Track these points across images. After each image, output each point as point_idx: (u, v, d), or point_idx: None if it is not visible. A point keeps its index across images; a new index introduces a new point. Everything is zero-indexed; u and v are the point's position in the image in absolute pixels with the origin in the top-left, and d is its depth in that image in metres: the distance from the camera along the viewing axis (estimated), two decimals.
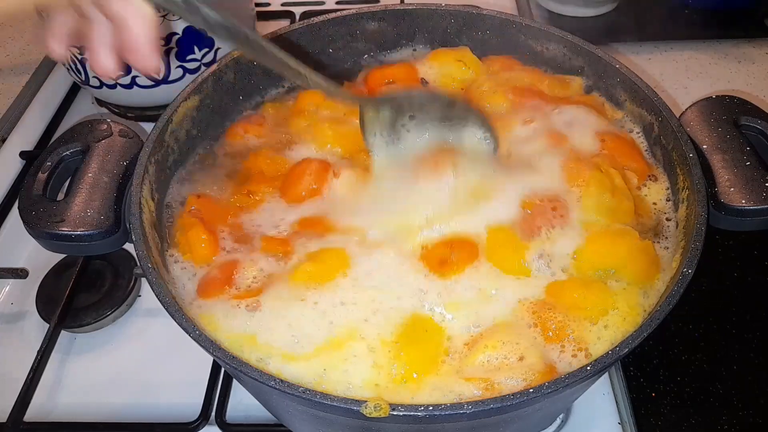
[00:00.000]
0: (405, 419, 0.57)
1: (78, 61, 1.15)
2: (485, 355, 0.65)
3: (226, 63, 0.88)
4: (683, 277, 0.63)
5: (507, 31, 0.95)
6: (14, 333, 0.98)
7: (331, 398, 0.57)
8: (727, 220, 0.70)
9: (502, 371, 0.64)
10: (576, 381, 0.58)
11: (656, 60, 1.38)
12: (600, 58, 0.88)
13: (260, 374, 0.59)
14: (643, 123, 0.85)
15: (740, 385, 0.88)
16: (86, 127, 0.78)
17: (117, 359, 0.94)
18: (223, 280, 0.72)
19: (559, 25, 0.95)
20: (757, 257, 1.02)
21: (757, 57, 1.38)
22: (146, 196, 0.73)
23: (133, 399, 0.89)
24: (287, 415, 0.75)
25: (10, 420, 0.85)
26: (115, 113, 1.30)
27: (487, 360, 0.65)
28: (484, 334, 0.67)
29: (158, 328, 0.97)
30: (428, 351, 0.66)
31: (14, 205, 1.12)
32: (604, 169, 0.77)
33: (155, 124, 0.79)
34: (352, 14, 0.96)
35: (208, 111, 0.88)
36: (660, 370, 0.90)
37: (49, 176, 0.74)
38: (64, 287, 0.97)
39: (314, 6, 1.58)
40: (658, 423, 0.85)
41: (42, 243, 0.71)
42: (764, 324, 0.94)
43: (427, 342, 0.67)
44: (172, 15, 1.09)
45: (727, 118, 0.77)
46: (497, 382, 0.63)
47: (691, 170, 0.72)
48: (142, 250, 0.67)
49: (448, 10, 0.97)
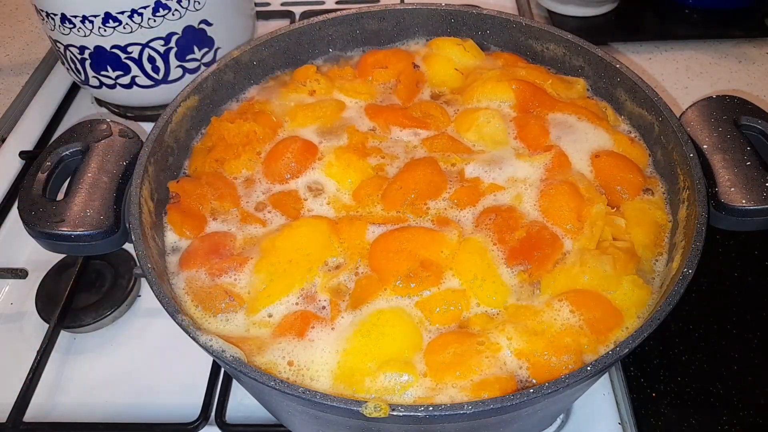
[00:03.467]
0: (405, 419, 0.57)
1: (78, 61, 1.15)
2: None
3: (226, 63, 0.88)
4: (683, 277, 0.63)
5: (507, 31, 0.95)
6: (14, 333, 0.98)
7: (331, 398, 0.57)
8: (727, 220, 0.70)
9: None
10: (576, 381, 0.58)
11: (656, 60, 1.38)
12: (600, 58, 0.88)
13: (260, 374, 0.59)
14: (644, 123, 0.85)
15: (740, 385, 0.88)
16: (86, 127, 0.78)
17: (117, 359, 0.94)
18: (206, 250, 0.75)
19: (559, 25, 0.95)
20: (757, 257, 1.02)
21: (757, 57, 1.38)
22: (146, 196, 0.73)
23: (133, 399, 0.89)
24: (287, 416, 0.75)
25: (10, 420, 0.85)
26: (114, 113, 1.30)
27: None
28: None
29: (158, 328, 0.97)
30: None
31: (14, 205, 1.12)
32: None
33: (155, 124, 0.79)
34: (352, 14, 0.96)
35: (208, 111, 0.89)
36: (660, 370, 0.90)
37: (48, 176, 0.74)
38: (63, 287, 0.97)
39: (314, 6, 1.58)
40: (658, 423, 0.85)
41: (42, 243, 0.71)
42: (764, 324, 0.94)
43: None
44: (172, 15, 1.09)
45: (728, 118, 0.77)
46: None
47: (692, 170, 0.72)
48: (142, 250, 0.67)
49: (448, 10, 0.97)
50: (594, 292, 0.70)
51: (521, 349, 0.66)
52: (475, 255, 0.73)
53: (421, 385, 0.64)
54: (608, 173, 0.81)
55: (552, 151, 0.82)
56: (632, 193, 0.79)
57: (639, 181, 0.80)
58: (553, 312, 0.69)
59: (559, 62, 0.94)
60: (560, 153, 0.82)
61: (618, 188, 0.79)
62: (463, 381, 0.64)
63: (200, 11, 1.13)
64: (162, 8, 1.08)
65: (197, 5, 1.12)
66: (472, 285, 0.71)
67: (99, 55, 1.12)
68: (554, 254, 0.73)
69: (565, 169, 0.81)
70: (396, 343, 0.67)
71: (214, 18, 1.15)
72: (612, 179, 0.80)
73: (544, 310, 0.69)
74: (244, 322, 0.70)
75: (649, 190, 0.80)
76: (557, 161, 0.81)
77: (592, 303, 0.69)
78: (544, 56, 0.95)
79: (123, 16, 1.06)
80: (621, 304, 0.69)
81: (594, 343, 0.66)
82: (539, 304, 0.70)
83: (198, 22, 1.14)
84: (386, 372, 0.64)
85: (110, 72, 1.15)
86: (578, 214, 0.76)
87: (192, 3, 1.11)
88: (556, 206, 0.76)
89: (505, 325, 0.68)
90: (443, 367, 0.65)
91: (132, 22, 1.07)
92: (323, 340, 0.68)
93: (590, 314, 0.68)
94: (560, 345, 0.66)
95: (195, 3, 1.11)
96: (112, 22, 1.07)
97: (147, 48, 1.12)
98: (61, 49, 1.15)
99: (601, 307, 0.68)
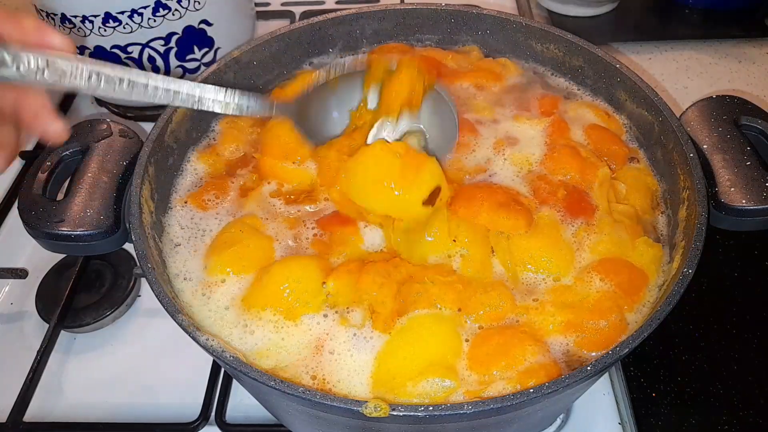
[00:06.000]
0: (405, 419, 0.57)
1: None
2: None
3: (226, 63, 0.88)
4: (683, 277, 0.63)
5: (507, 31, 0.95)
6: (14, 333, 0.98)
7: (331, 398, 0.57)
8: (727, 220, 0.70)
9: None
10: (576, 381, 0.58)
11: (656, 60, 1.38)
12: (600, 58, 0.88)
13: (260, 374, 0.58)
14: (644, 123, 0.85)
15: (740, 385, 0.88)
16: (86, 127, 0.78)
17: (117, 359, 0.94)
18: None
19: (559, 25, 0.95)
20: (757, 257, 1.02)
21: (757, 57, 1.38)
22: (146, 196, 0.73)
23: (133, 399, 0.89)
24: (287, 416, 0.75)
25: (10, 420, 0.85)
26: (114, 113, 1.30)
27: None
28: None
29: (158, 328, 0.96)
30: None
31: (14, 205, 1.12)
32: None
33: (155, 124, 0.79)
34: (352, 14, 0.96)
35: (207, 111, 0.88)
36: (660, 370, 0.90)
37: (48, 176, 0.74)
38: (64, 287, 0.97)
39: (314, 6, 1.57)
40: (658, 423, 0.85)
41: (42, 243, 0.71)
42: (764, 324, 0.94)
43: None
44: (172, 15, 1.09)
45: (728, 118, 0.77)
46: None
47: (692, 170, 0.72)
48: (142, 250, 0.67)
49: (447, 10, 0.97)
50: (617, 258, 0.73)
51: (567, 321, 0.68)
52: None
53: (466, 385, 0.65)
54: (599, 145, 0.85)
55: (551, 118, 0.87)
56: (620, 163, 0.84)
57: (624, 151, 0.85)
58: (584, 284, 0.72)
59: (559, 62, 0.94)
60: (559, 120, 0.87)
61: (605, 159, 0.84)
62: (508, 371, 0.65)
63: (200, 11, 1.13)
64: (162, 8, 1.08)
65: (197, 5, 1.12)
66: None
67: (99, 55, 1.12)
68: (593, 206, 0.78)
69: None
70: (436, 346, 0.67)
71: (214, 18, 1.15)
72: (601, 151, 0.84)
73: (575, 285, 0.72)
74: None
75: (634, 159, 0.85)
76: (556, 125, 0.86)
77: (618, 268, 0.73)
78: (544, 56, 0.95)
79: (123, 16, 1.06)
80: (641, 264, 0.73)
81: (630, 303, 0.70)
82: (569, 281, 0.73)
83: (198, 22, 1.14)
84: (428, 378, 0.65)
85: None
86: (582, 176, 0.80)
87: (192, 3, 1.11)
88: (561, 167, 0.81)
89: (544, 306, 0.70)
90: (487, 360, 0.66)
91: (132, 22, 1.07)
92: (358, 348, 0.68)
93: (619, 278, 0.71)
94: (603, 309, 0.69)
95: (195, 3, 1.11)
96: (112, 22, 1.07)
97: (147, 48, 1.12)
98: None
99: (626, 270, 0.72)
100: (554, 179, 0.81)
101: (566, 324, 0.68)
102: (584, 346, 0.68)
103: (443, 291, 0.70)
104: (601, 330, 0.68)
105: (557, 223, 0.76)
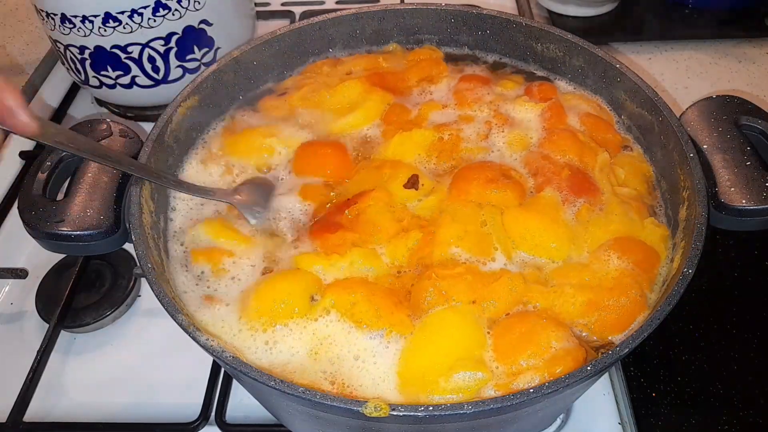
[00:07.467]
0: (405, 419, 0.57)
1: (78, 61, 1.15)
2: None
3: (226, 63, 0.88)
4: (683, 277, 0.63)
5: (507, 31, 0.95)
6: (14, 333, 0.98)
7: (331, 398, 0.57)
8: (727, 220, 0.70)
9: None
10: (576, 381, 0.58)
11: (656, 60, 1.38)
12: (600, 58, 0.88)
13: (260, 374, 0.58)
14: (644, 123, 0.85)
15: (740, 385, 0.88)
16: (86, 127, 0.78)
17: (117, 359, 0.94)
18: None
19: (559, 25, 0.95)
20: (757, 257, 1.02)
21: (757, 57, 1.38)
22: (146, 196, 0.73)
23: (133, 399, 0.89)
24: (287, 415, 0.75)
25: (10, 420, 0.85)
26: (115, 113, 1.30)
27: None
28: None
29: (158, 328, 0.96)
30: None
31: (14, 205, 1.12)
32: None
33: (155, 124, 0.79)
34: (352, 14, 0.96)
35: (208, 111, 0.88)
36: (660, 370, 0.90)
37: (48, 176, 0.74)
38: (63, 287, 0.97)
39: (314, 6, 1.57)
40: (658, 423, 0.85)
41: (42, 243, 0.71)
42: (764, 324, 0.94)
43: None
44: (172, 15, 1.09)
45: (728, 118, 0.77)
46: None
47: (692, 170, 0.72)
48: (142, 250, 0.67)
49: (448, 10, 0.96)
50: (631, 237, 0.75)
51: (588, 301, 0.69)
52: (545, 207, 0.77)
53: (495, 378, 0.65)
54: (594, 133, 0.86)
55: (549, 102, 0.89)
56: (614, 151, 0.85)
57: (618, 138, 0.87)
58: (602, 263, 0.73)
59: (559, 62, 0.94)
60: (557, 104, 0.88)
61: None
62: (534, 359, 0.64)
63: (200, 11, 1.13)
64: (162, 8, 1.08)
65: (197, 5, 1.12)
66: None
67: (99, 55, 1.12)
68: (596, 187, 0.79)
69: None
70: (461, 340, 0.67)
71: (214, 18, 1.15)
72: (596, 139, 0.85)
73: (593, 263, 0.73)
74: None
75: (627, 147, 0.87)
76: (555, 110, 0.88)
77: (633, 246, 0.74)
78: (544, 56, 0.95)
79: (123, 16, 1.06)
80: (651, 242, 0.75)
81: (647, 281, 0.72)
82: (585, 260, 0.74)
83: (198, 22, 1.14)
84: (459, 372, 0.64)
85: (110, 72, 1.15)
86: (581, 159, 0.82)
87: (192, 3, 1.11)
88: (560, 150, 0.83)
89: (563, 288, 0.70)
90: (512, 350, 0.65)
91: (132, 22, 1.07)
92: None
93: (635, 256, 0.73)
94: (624, 285, 0.70)
95: (195, 3, 1.11)
96: (112, 22, 1.07)
97: (147, 48, 1.12)
98: (61, 49, 1.15)
99: (641, 248, 0.74)
100: (558, 159, 0.82)
101: (587, 303, 0.69)
102: (605, 327, 0.68)
103: (453, 284, 0.70)
104: (623, 307, 0.68)
105: (557, 203, 0.77)
